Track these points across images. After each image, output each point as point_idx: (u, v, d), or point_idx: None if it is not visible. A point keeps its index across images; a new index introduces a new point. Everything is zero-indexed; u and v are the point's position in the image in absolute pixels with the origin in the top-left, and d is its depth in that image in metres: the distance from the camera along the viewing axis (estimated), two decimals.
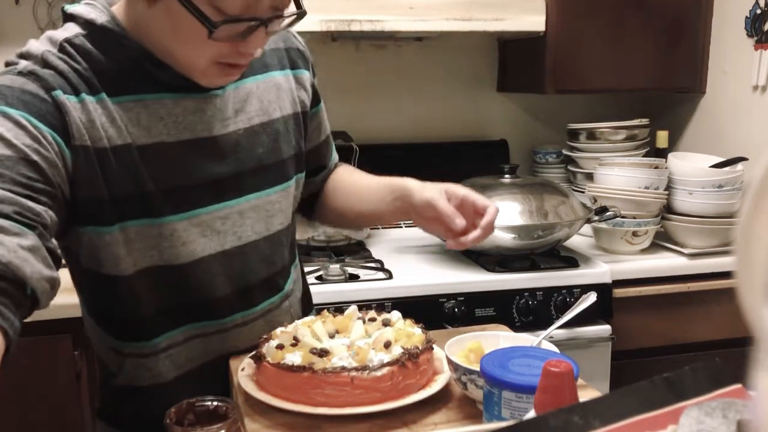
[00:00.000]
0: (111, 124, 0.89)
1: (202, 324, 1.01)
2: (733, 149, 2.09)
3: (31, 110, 0.83)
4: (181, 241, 0.95)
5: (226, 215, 0.99)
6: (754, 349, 0.37)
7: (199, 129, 0.96)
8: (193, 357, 1.03)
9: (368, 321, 1.01)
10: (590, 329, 1.82)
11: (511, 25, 2.01)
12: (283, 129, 1.06)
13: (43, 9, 2.13)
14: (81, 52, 0.89)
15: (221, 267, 1.00)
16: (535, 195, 1.82)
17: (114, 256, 0.92)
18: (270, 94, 1.04)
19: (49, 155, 0.82)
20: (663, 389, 0.54)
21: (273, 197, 1.04)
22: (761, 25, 2.04)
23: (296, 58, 1.10)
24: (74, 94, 0.87)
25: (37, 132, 0.82)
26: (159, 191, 0.92)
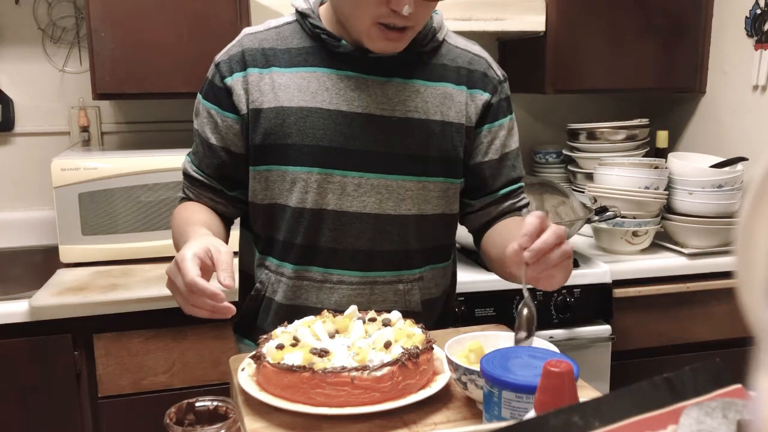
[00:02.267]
0: (271, 89, 1.14)
1: (312, 268, 1.17)
2: (733, 149, 2.09)
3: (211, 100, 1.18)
4: (305, 190, 1.14)
5: (361, 183, 1.14)
6: (754, 349, 0.37)
7: (356, 105, 1.13)
8: (298, 295, 1.18)
9: (368, 321, 1.01)
10: (590, 329, 1.82)
11: (511, 25, 2.01)
12: (440, 131, 1.17)
13: (43, 9, 2.13)
14: (278, 35, 1.17)
15: (341, 223, 1.15)
16: (535, 195, 1.82)
17: (260, 188, 1.17)
18: (436, 99, 1.17)
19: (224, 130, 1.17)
20: (663, 389, 0.54)
21: (407, 184, 1.16)
22: (761, 25, 2.04)
23: (479, 81, 1.21)
24: (241, 71, 1.15)
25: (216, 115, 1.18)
26: (298, 145, 1.13)
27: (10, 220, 2.16)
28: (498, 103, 1.23)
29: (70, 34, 2.17)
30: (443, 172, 1.19)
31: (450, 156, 1.19)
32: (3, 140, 2.17)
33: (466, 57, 1.21)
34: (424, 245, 1.21)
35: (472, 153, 1.23)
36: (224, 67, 1.16)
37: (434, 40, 1.19)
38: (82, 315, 1.61)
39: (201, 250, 0.95)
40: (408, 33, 1.09)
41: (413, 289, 1.21)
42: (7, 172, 2.18)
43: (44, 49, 2.15)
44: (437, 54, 1.19)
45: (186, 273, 0.91)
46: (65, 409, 1.66)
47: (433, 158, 1.17)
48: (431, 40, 1.18)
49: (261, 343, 0.96)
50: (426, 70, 1.17)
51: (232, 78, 1.15)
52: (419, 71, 1.17)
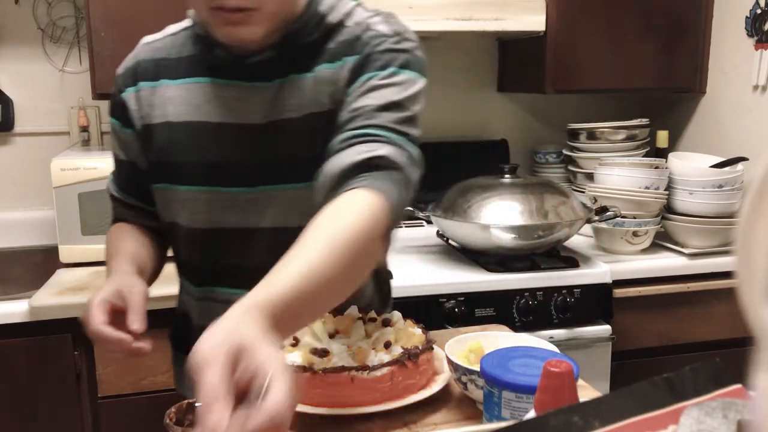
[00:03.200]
0: (160, 104, 1.06)
1: (213, 289, 1.10)
2: (733, 149, 2.09)
3: (114, 114, 1.13)
4: (194, 209, 1.06)
5: (254, 198, 1.04)
6: (754, 349, 0.37)
7: (238, 115, 1.04)
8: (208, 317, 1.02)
9: (368, 321, 1.01)
10: (590, 329, 1.82)
11: (511, 25, 2.01)
12: (318, 125, 1.02)
13: (43, 9, 2.13)
14: (173, 43, 1.10)
15: (232, 241, 1.07)
16: (535, 195, 1.82)
17: (159, 206, 1.11)
18: (311, 89, 1.02)
19: (128, 145, 1.11)
20: (663, 389, 0.54)
21: (296, 192, 1.03)
22: (761, 25, 2.04)
23: (353, 47, 1.02)
24: (133, 86, 1.09)
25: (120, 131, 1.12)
26: (184, 164, 1.05)
27: (10, 220, 2.16)
28: (369, 57, 0.99)
29: (70, 34, 2.17)
30: None
31: None
32: (3, 140, 2.17)
33: (354, 30, 1.02)
34: None
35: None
36: (120, 81, 1.11)
37: (324, 25, 1.03)
38: (82, 315, 1.60)
39: (111, 293, 0.91)
40: (254, 16, 0.93)
41: None
42: (7, 172, 2.18)
43: (44, 49, 2.15)
44: (329, 40, 1.03)
45: (89, 322, 0.89)
46: (65, 409, 1.66)
47: (323, 157, 0.98)
48: (318, 26, 1.03)
49: None
50: (311, 60, 1.02)
51: (126, 93, 1.09)
52: (301, 64, 1.02)
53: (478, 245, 1.85)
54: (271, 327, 0.70)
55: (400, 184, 0.92)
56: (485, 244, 1.82)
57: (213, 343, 0.65)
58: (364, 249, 0.84)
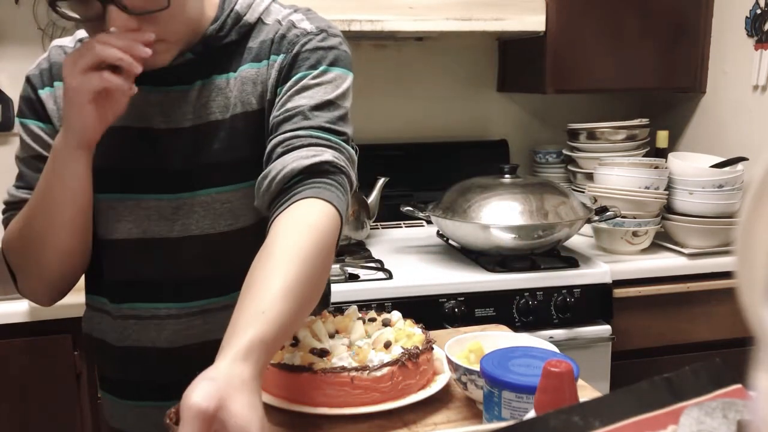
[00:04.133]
0: None
1: (136, 305, 1.03)
2: (733, 149, 2.09)
3: (30, 115, 1.07)
4: (116, 218, 1.01)
5: (178, 206, 1.00)
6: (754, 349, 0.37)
7: (159, 120, 1.00)
8: (128, 335, 1.04)
9: (368, 321, 1.01)
10: (590, 329, 1.82)
11: (511, 25, 2.01)
12: (244, 126, 1.00)
13: (43, 9, 2.13)
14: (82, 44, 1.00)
15: (157, 252, 1.01)
16: (535, 195, 1.82)
17: None
18: (237, 89, 1.00)
19: (51, 141, 0.99)
20: (663, 389, 0.54)
21: (223, 196, 1.00)
22: (761, 25, 2.04)
23: (280, 46, 1.00)
24: (49, 86, 1.05)
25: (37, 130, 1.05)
26: (104, 171, 0.98)
27: None
28: (298, 56, 0.99)
29: (70, 34, 2.16)
30: (260, 171, 0.97)
31: (262, 151, 0.98)
32: (3, 140, 2.17)
33: (275, 28, 1.01)
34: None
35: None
36: (36, 81, 1.08)
37: (241, 25, 1.01)
38: (82, 315, 1.60)
39: None
40: (159, 47, 0.90)
41: None
42: (7, 172, 2.18)
43: (44, 49, 2.15)
44: (249, 38, 1.02)
45: None
46: (65, 409, 1.66)
47: (249, 158, 0.99)
48: (235, 27, 1.01)
49: None
50: (232, 60, 1.00)
51: (44, 91, 1.06)
52: (221, 65, 1.00)
53: (478, 245, 1.85)
54: (263, 369, 0.72)
55: (345, 189, 0.93)
56: (485, 244, 1.83)
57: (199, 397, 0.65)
58: (328, 263, 0.86)
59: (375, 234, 2.19)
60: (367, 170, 2.12)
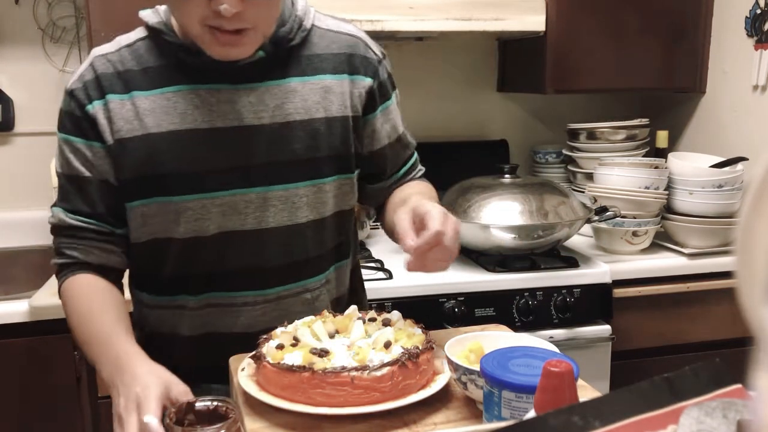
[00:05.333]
0: (134, 116, 1.04)
1: (214, 294, 1.10)
2: (733, 149, 2.09)
3: (74, 132, 1.07)
4: (194, 218, 1.05)
5: (251, 200, 1.06)
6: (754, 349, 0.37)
7: (231, 118, 1.05)
8: (205, 323, 1.11)
9: (368, 321, 1.01)
10: (590, 329, 1.82)
11: (511, 25, 2.01)
12: (325, 129, 1.10)
13: (43, 9, 2.13)
14: (132, 54, 1.07)
15: (235, 245, 1.07)
16: (535, 195, 1.82)
17: (136, 225, 1.07)
18: (315, 95, 1.09)
19: (96, 161, 1.05)
20: (663, 389, 0.54)
21: (301, 191, 1.09)
22: (761, 25, 2.04)
23: (359, 65, 1.13)
24: (100, 98, 1.04)
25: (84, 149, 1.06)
26: (176, 174, 1.04)
27: (10, 220, 2.16)
28: (381, 85, 1.16)
29: (70, 34, 2.17)
30: (336, 170, 1.12)
31: (340, 153, 1.11)
32: (3, 140, 2.17)
33: (341, 41, 1.13)
34: (325, 248, 1.15)
35: (365, 142, 1.16)
36: (81, 95, 1.05)
37: (302, 29, 1.09)
38: None
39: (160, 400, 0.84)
40: (249, 35, 0.98)
41: (321, 294, 1.15)
42: (7, 172, 2.18)
43: (44, 49, 2.15)
44: (308, 43, 1.10)
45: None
46: (65, 410, 1.66)
47: (323, 158, 1.09)
48: (299, 30, 1.09)
49: (261, 343, 0.96)
50: (300, 64, 1.08)
51: (93, 106, 1.04)
52: (293, 68, 1.08)
53: (478, 245, 1.85)
54: None
55: None
56: (485, 244, 1.83)
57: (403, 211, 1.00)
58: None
59: (375, 234, 2.19)
60: None
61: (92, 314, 1.03)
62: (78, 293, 1.07)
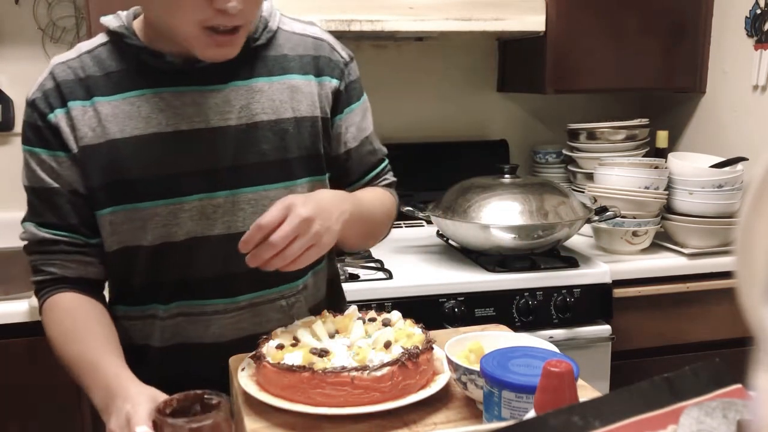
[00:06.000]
0: (97, 123, 1.01)
1: (184, 303, 1.07)
2: (733, 149, 2.09)
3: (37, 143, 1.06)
4: (162, 223, 1.02)
5: (219, 204, 1.04)
6: (754, 349, 0.37)
7: (197, 120, 1.02)
8: (177, 333, 1.08)
9: (368, 321, 1.01)
10: (590, 329, 1.82)
11: (511, 25, 2.01)
12: (294, 129, 1.08)
13: (43, 9, 2.13)
14: (93, 60, 1.04)
15: (204, 251, 1.05)
16: (535, 195, 1.82)
17: (106, 234, 1.04)
18: (283, 94, 1.07)
19: (63, 171, 1.04)
20: (663, 389, 0.54)
21: (271, 193, 1.06)
22: (761, 25, 2.04)
23: (325, 67, 1.12)
24: (62, 107, 1.02)
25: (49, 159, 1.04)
26: (142, 179, 1.01)
27: (10, 220, 2.15)
28: (347, 87, 1.15)
29: (70, 34, 2.17)
30: (308, 172, 1.10)
31: (311, 153, 1.10)
32: (3, 140, 2.17)
33: (307, 43, 1.12)
34: None
35: (332, 144, 1.14)
36: (42, 105, 1.03)
37: (268, 30, 1.09)
38: None
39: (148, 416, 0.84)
40: (240, 33, 0.98)
41: (297, 302, 1.13)
42: (7, 172, 2.18)
43: (44, 49, 2.15)
44: (274, 44, 1.09)
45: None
46: (65, 409, 1.66)
47: (294, 159, 1.08)
48: (264, 31, 1.08)
49: (261, 343, 0.96)
50: (266, 65, 1.07)
51: (54, 115, 1.02)
52: (258, 68, 1.07)
53: (478, 245, 1.85)
54: None
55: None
56: (485, 244, 1.83)
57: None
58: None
59: None
60: None
61: (76, 336, 1.00)
62: (60, 316, 1.03)
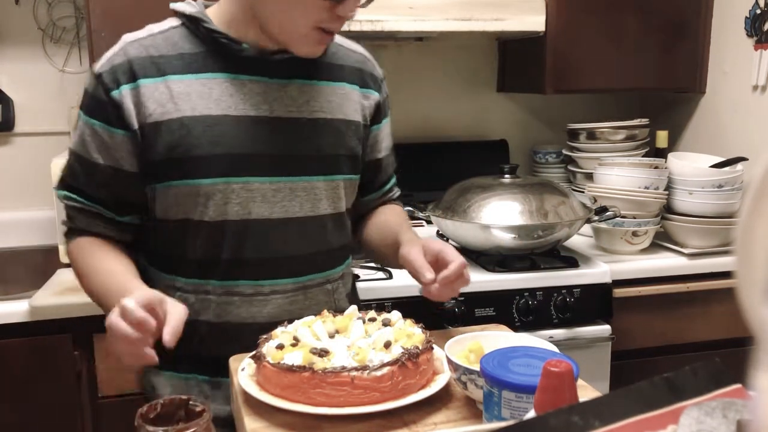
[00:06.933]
0: (169, 99, 1.06)
1: (240, 282, 1.11)
2: (733, 149, 2.09)
3: (96, 115, 1.07)
4: (223, 201, 1.08)
5: (279, 188, 1.11)
6: (754, 349, 0.37)
7: (263, 109, 1.10)
8: (229, 312, 1.12)
9: (368, 321, 1.01)
10: (590, 329, 1.82)
11: (511, 25, 2.01)
12: (344, 129, 1.19)
13: (43, 9, 2.13)
14: (165, 41, 1.09)
15: (261, 232, 1.11)
16: (535, 195, 1.82)
17: (166, 205, 1.09)
18: (337, 98, 1.18)
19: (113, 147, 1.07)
20: (663, 389, 0.54)
21: (320, 184, 1.15)
22: (761, 25, 2.04)
23: (369, 80, 1.25)
24: (130, 82, 1.06)
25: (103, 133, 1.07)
26: (209, 157, 1.06)
27: (10, 220, 2.16)
28: (384, 101, 1.28)
29: (70, 34, 2.17)
30: (350, 170, 1.21)
31: (354, 153, 1.21)
32: (3, 140, 2.17)
33: (354, 56, 1.25)
34: (341, 242, 1.23)
35: (367, 150, 1.27)
36: (108, 80, 1.06)
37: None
38: (82, 315, 1.60)
39: (144, 301, 0.89)
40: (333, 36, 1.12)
41: (339, 287, 1.22)
42: (7, 172, 2.18)
43: (44, 49, 2.15)
44: (328, 53, 1.19)
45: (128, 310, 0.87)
46: (65, 409, 1.66)
47: (342, 157, 1.19)
48: None
49: (261, 343, 0.96)
50: (322, 70, 1.18)
51: (119, 91, 1.06)
52: (317, 72, 1.17)
53: (478, 245, 1.85)
54: None
55: None
56: (485, 244, 1.83)
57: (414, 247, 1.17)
58: None
59: None
60: None
61: (101, 265, 1.08)
62: (86, 251, 1.11)
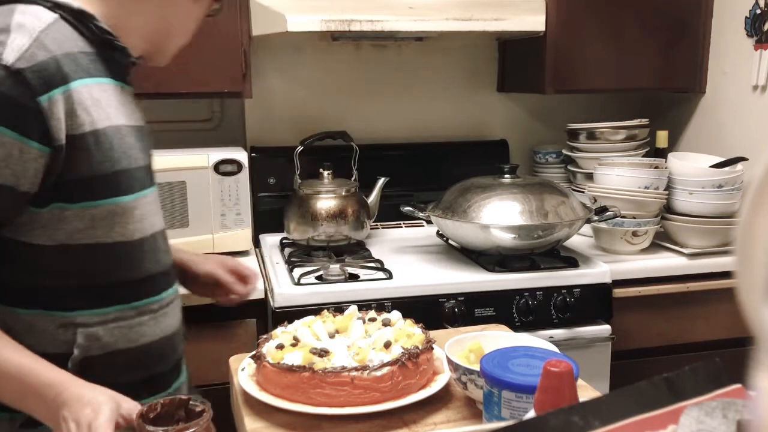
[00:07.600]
0: (93, 106, 0.92)
1: (149, 300, 1.02)
2: (733, 149, 2.09)
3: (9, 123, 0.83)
4: (139, 218, 0.99)
5: (155, 198, 1.06)
6: (754, 349, 0.37)
7: (138, 117, 1.06)
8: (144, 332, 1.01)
9: (368, 321, 1.01)
10: (590, 329, 1.82)
11: (511, 25, 2.01)
12: None
13: None
14: (63, 35, 0.91)
15: (160, 244, 1.06)
16: (535, 195, 1.82)
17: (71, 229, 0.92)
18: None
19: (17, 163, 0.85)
20: (663, 389, 0.54)
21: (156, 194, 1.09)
22: (761, 25, 2.04)
23: None
24: (61, 85, 0.86)
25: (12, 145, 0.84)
26: (127, 170, 0.97)
27: None
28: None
29: None
30: None
31: None
32: None
33: None
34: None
35: None
36: (35, 80, 0.83)
37: None
38: None
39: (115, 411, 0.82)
40: None
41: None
42: None
43: None
44: None
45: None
46: None
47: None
48: None
49: (261, 343, 0.96)
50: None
51: (50, 97, 0.85)
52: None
53: (478, 245, 1.85)
54: None
55: None
56: (485, 244, 1.83)
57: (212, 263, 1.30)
58: None
59: (375, 234, 2.19)
60: (368, 170, 2.12)
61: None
62: None
